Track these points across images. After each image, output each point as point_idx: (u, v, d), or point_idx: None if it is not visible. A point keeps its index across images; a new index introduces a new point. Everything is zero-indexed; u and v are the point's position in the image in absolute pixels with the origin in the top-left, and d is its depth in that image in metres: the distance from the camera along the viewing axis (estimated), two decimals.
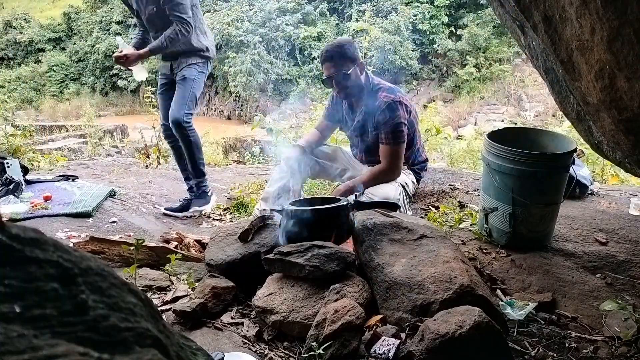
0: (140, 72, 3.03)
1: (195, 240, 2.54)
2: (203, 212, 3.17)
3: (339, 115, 2.72)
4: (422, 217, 2.59)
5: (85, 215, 2.83)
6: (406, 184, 2.62)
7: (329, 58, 2.45)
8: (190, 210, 3.13)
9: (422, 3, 14.67)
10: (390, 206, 2.08)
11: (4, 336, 0.40)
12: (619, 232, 2.34)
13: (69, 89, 19.39)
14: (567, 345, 1.61)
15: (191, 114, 2.94)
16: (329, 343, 1.36)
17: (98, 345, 0.47)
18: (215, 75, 16.62)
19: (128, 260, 2.05)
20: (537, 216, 2.13)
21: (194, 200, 3.15)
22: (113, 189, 3.27)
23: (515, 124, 10.03)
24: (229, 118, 17.07)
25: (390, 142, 2.45)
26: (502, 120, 11.53)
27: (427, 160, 2.87)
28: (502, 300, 1.83)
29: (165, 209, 3.14)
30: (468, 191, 3.01)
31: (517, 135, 2.35)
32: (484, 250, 2.22)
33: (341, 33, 15.23)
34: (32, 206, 2.77)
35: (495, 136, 2.26)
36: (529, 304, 1.77)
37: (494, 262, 2.12)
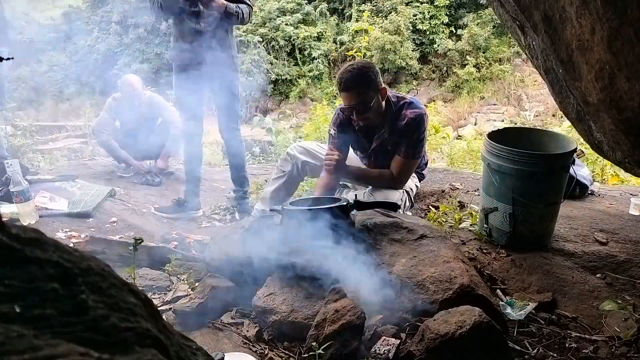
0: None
1: (195, 240, 2.54)
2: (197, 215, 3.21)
3: (348, 137, 2.53)
4: (422, 217, 2.59)
5: (85, 215, 2.83)
6: (411, 189, 2.60)
7: (350, 87, 2.24)
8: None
9: (422, 3, 14.65)
10: (390, 206, 2.08)
11: (4, 336, 0.40)
12: (619, 232, 2.34)
13: (69, 89, 19.38)
14: (567, 345, 1.61)
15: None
16: (329, 343, 1.36)
17: (98, 345, 0.47)
18: None
19: (128, 260, 2.05)
20: (537, 216, 2.13)
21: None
22: (113, 189, 3.28)
23: (515, 124, 10.01)
24: None
25: (409, 156, 2.38)
26: (502, 120, 11.51)
27: (427, 162, 2.87)
28: (502, 300, 1.83)
29: (155, 209, 3.18)
30: (468, 191, 3.01)
31: (517, 135, 2.35)
32: (484, 250, 2.22)
33: (341, 33, 15.22)
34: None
35: (495, 136, 2.26)
36: (529, 304, 1.77)
37: (494, 262, 2.12)
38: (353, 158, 2.73)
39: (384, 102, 2.37)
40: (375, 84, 2.26)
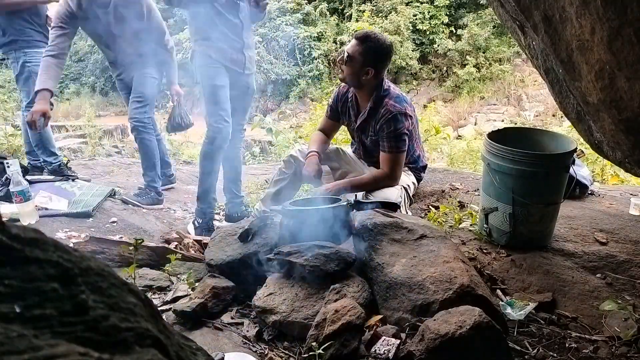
0: None
1: (195, 240, 2.54)
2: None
3: (345, 109, 2.65)
4: (422, 217, 2.59)
5: (85, 215, 2.83)
6: (408, 185, 2.61)
7: (358, 37, 2.36)
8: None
9: (422, 3, 14.65)
10: (390, 206, 2.08)
11: (4, 336, 0.40)
12: (619, 232, 2.34)
13: (69, 89, 19.37)
14: (567, 345, 1.61)
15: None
16: (329, 343, 1.36)
17: (98, 345, 0.47)
18: None
19: (128, 260, 2.05)
20: (537, 216, 2.13)
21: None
22: (113, 189, 3.27)
23: (515, 124, 10.02)
24: None
25: (392, 151, 2.41)
26: (502, 120, 11.51)
27: (426, 166, 2.86)
28: (502, 300, 1.83)
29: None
30: (468, 191, 3.01)
31: (517, 135, 2.35)
32: (484, 250, 2.22)
33: (341, 33, 15.22)
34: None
35: (495, 136, 2.26)
36: (529, 304, 1.77)
37: (494, 262, 2.12)
38: (349, 155, 2.75)
39: (376, 79, 2.43)
40: (372, 57, 2.35)
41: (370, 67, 2.35)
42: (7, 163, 2.79)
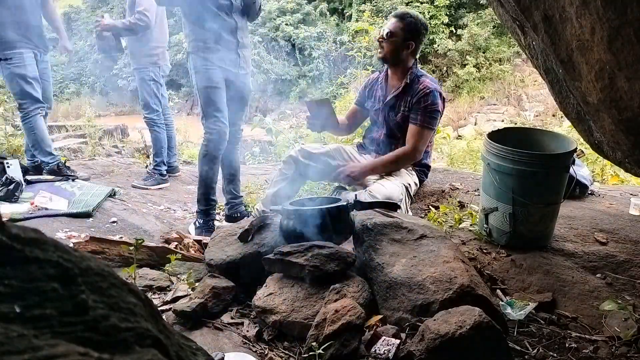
0: None
1: (195, 240, 2.54)
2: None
3: (372, 91, 2.76)
4: (422, 217, 2.59)
5: (85, 215, 2.83)
6: (409, 184, 2.62)
7: (397, 15, 2.55)
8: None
9: (422, 3, 14.64)
10: (390, 206, 2.08)
11: (4, 336, 0.40)
12: (619, 232, 2.34)
13: (69, 89, 19.36)
14: (567, 345, 1.61)
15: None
16: (329, 343, 1.36)
17: (98, 345, 0.47)
18: None
19: (128, 260, 2.05)
20: (537, 216, 2.13)
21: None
22: (113, 189, 3.28)
23: (515, 124, 10.02)
24: None
25: (423, 124, 2.53)
26: (502, 120, 11.51)
27: (430, 166, 2.90)
28: (502, 300, 1.83)
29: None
30: (468, 191, 3.01)
31: (517, 135, 2.35)
32: (484, 250, 2.22)
33: (341, 33, 15.22)
34: (33, 206, 2.77)
35: (495, 136, 2.26)
36: (529, 304, 1.77)
37: (494, 262, 2.12)
38: (350, 153, 2.75)
39: (411, 58, 2.61)
40: (414, 33, 2.54)
41: (411, 41, 2.53)
42: (7, 163, 2.79)
